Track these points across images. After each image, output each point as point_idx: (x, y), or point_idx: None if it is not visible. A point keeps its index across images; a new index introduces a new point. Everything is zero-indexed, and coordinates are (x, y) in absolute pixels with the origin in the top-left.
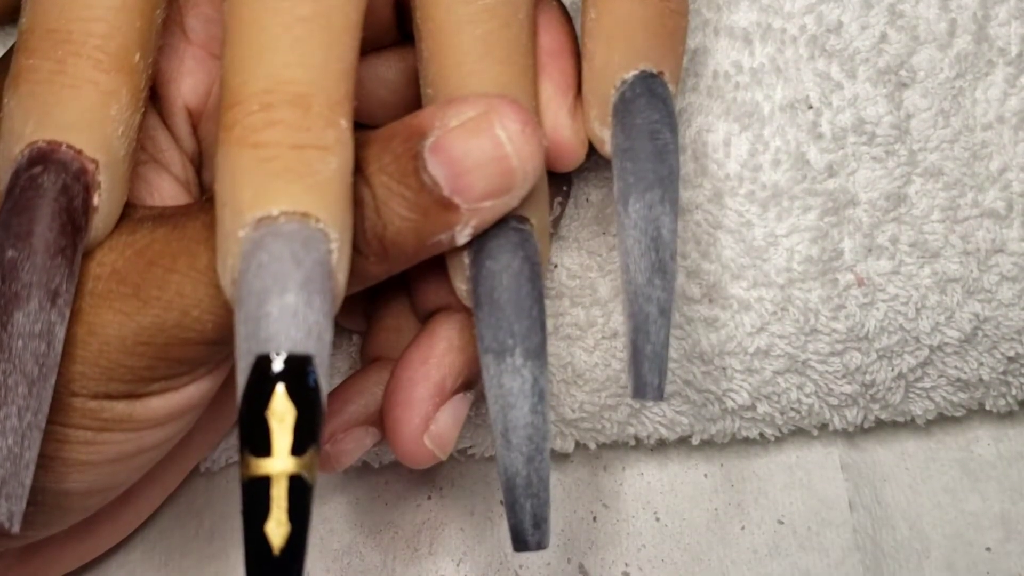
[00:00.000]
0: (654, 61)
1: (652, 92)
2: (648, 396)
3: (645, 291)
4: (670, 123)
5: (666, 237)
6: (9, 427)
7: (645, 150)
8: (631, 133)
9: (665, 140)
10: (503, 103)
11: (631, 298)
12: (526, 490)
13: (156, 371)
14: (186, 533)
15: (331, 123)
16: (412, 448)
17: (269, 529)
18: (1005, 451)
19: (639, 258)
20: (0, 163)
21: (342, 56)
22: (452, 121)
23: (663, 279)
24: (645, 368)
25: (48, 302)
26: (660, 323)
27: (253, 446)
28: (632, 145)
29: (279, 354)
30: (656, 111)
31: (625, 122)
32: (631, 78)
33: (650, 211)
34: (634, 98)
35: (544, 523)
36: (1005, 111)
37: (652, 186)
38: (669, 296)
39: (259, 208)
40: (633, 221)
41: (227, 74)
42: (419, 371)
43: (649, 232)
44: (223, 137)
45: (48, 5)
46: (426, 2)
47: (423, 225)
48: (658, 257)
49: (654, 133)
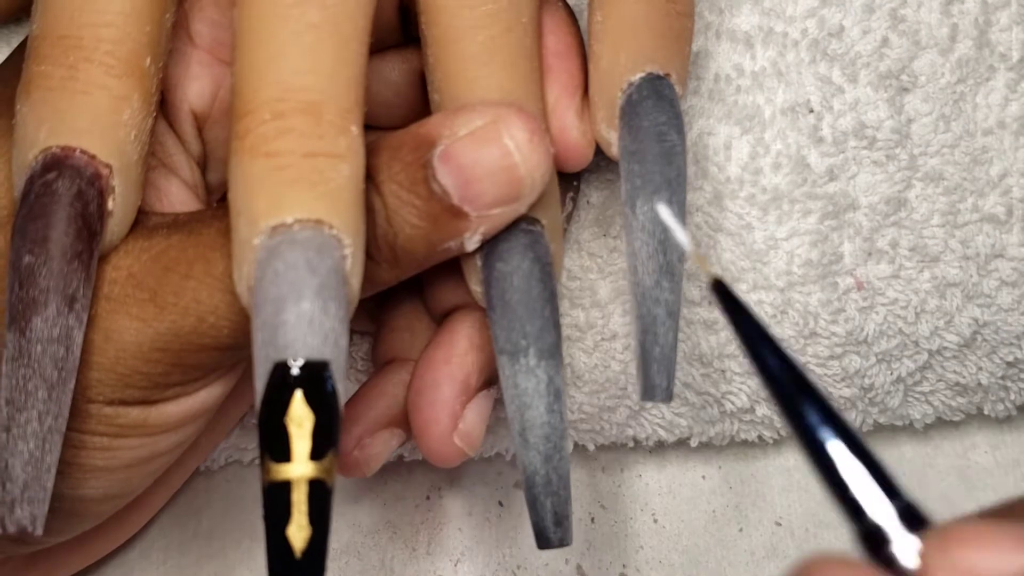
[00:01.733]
0: (660, 63)
1: (659, 94)
2: (657, 398)
3: (653, 293)
4: (677, 125)
5: (674, 239)
6: (30, 431)
7: (652, 152)
8: (638, 135)
9: (672, 142)
10: (511, 112)
11: (639, 300)
12: (546, 488)
13: (171, 377)
14: (185, 532)
15: (343, 130)
16: (443, 448)
17: (291, 533)
18: (1002, 458)
19: (647, 260)
20: (14, 169)
21: (352, 62)
22: (461, 130)
23: (671, 281)
24: (654, 370)
25: (66, 307)
26: (668, 325)
27: (273, 452)
28: (639, 147)
29: (296, 361)
30: (663, 113)
31: (632, 124)
32: (638, 80)
33: (658, 213)
34: (641, 100)
35: (566, 520)
36: (1006, 116)
37: (660, 188)
38: (677, 298)
39: (273, 216)
40: (641, 223)
41: (238, 82)
42: (443, 371)
43: (657, 234)
44: (236, 146)
45: (59, 11)
46: (431, 8)
47: (433, 232)
48: (666, 259)
49: (661, 135)
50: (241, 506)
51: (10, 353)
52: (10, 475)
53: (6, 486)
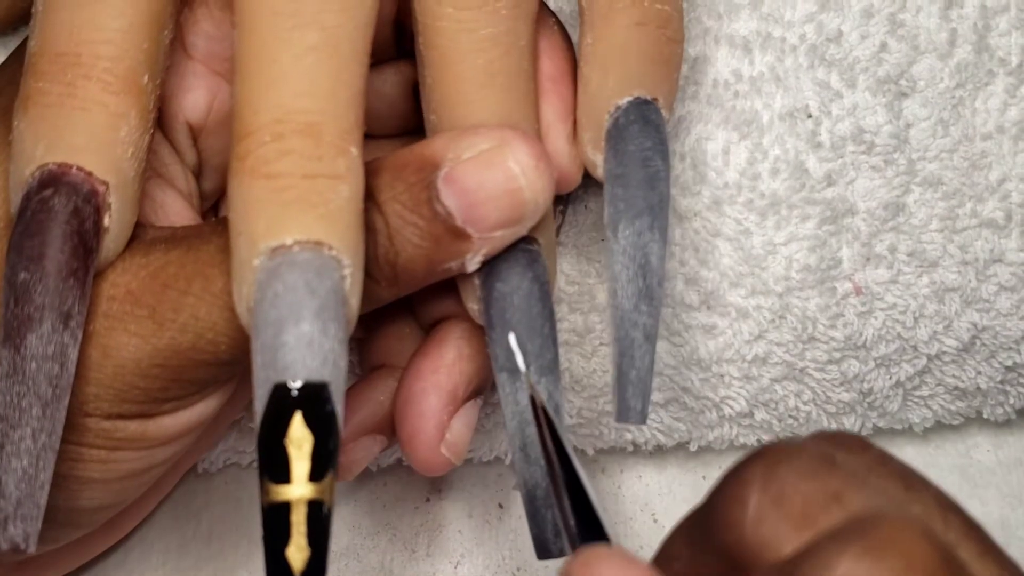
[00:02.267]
0: (649, 88)
1: (645, 119)
2: (631, 420)
3: (631, 317)
4: (662, 151)
5: (654, 264)
6: (24, 448)
7: (636, 177)
8: (623, 159)
9: (656, 167)
10: (516, 136)
11: (617, 323)
12: (546, 501)
13: (169, 392)
14: (184, 534)
15: (342, 151)
16: (429, 458)
17: (290, 554)
18: (1004, 457)
19: (626, 284)
20: (11, 186)
21: (351, 84)
22: (465, 152)
23: (649, 305)
24: (629, 392)
25: (61, 324)
26: (645, 348)
27: (272, 473)
28: (624, 171)
29: (295, 382)
30: (649, 138)
31: (618, 148)
32: (625, 104)
33: (639, 238)
34: (628, 124)
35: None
36: (1005, 121)
37: (642, 213)
38: (655, 322)
39: (273, 238)
40: (622, 247)
41: (238, 104)
42: (430, 381)
43: (637, 259)
44: (236, 167)
45: (57, 28)
46: (429, 30)
47: (435, 253)
48: (645, 284)
49: (646, 160)
50: (240, 508)
51: (4, 370)
52: (3, 492)
53: None
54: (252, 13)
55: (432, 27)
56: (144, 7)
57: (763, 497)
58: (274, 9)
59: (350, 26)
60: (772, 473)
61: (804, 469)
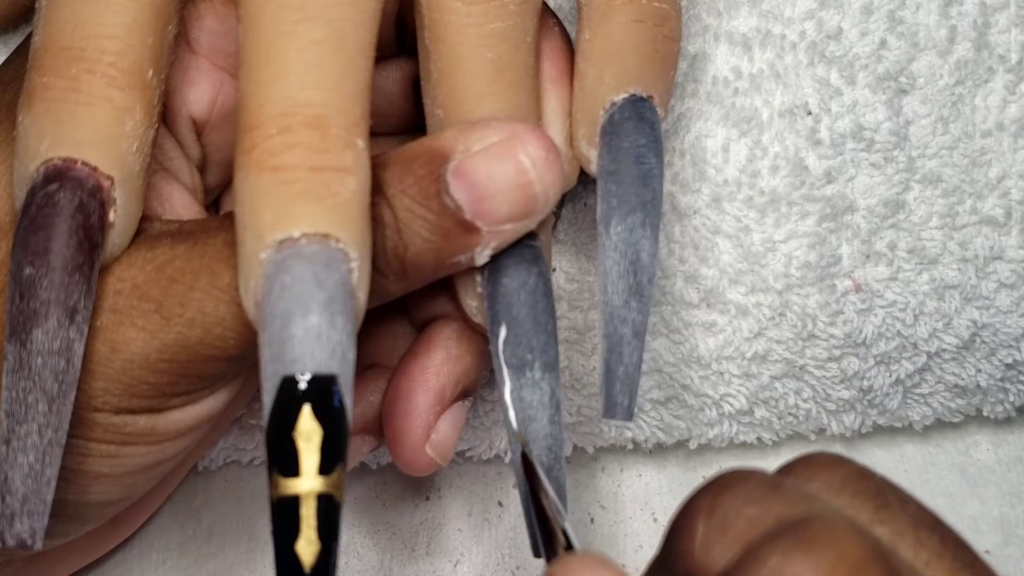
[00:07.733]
0: (644, 85)
1: (640, 116)
2: (618, 416)
3: (621, 313)
4: (656, 148)
5: (645, 261)
6: (30, 444)
7: (630, 174)
8: (617, 156)
9: (650, 165)
10: (527, 130)
11: (607, 319)
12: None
13: (178, 387)
14: (184, 532)
15: (348, 144)
16: (415, 457)
17: (300, 548)
18: (1004, 455)
19: (617, 280)
20: (16, 181)
21: (357, 77)
22: (475, 145)
23: (639, 302)
24: (616, 389)
25: (66, 319)
26: (634, 345)
27: (281, 466)
28: (617, 168)
29: (304, 375)
30: (643, 135)
31: (612, 144)
32: (620, 101)
33: (631, 234)
34: (622, 121)
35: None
36: (1004, 118)
37: (634, 210)
38: (644, 319)
39: (280, 230)
40: (613, 243)
41: (244, 98)
42: (418, 381)
43: (628, 255)
44: (242, 160)
45: (61, 23)
46: (437, 24)
47: (444, 246)
48: (636, 280)
49: (640, 157)
50: (240, 506)
51: (10, 365)
52: (9, 488)
53: (5, 499)
54: (258, 7)
55: (440, 21)
56: (148, 2)
57: (709, 524)
58: (280, 3)
59: (356, 20)
60: (717, 501)
61: (748, 495)
